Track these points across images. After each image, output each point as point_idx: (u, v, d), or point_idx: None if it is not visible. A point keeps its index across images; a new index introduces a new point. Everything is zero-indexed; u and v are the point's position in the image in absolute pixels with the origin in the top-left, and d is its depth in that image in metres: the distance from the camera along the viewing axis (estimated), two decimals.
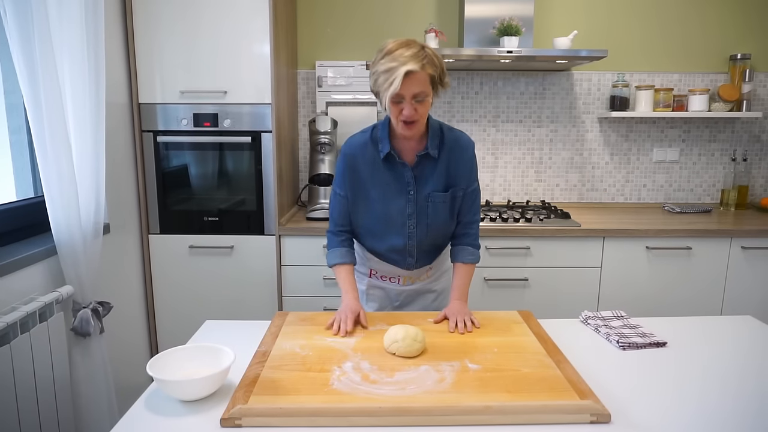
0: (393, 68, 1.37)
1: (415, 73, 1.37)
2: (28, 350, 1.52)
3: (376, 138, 1.57)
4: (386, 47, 1.41)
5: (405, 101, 1.41)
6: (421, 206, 1.59)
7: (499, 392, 1.11)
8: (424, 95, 1.42)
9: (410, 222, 1.60)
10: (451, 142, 1.58)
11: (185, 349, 1.23)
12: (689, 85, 2.97)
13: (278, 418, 1.04)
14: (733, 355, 1.36)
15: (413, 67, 1.36)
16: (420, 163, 1.56)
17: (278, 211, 2.46)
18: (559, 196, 3.08)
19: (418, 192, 1.57)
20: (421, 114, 1.44)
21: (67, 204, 1.71)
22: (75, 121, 1.78)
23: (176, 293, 2.51)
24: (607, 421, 1.05)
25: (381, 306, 1.78)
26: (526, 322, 1.50)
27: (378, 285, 1.77)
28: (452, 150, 1.58)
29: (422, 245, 1.65)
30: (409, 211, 1.59)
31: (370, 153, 1.57)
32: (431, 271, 1.75)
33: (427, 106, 1.45)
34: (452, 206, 1.61)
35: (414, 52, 1.39)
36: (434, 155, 1.55)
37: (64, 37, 1.73)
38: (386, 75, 1.38)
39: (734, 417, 1.08)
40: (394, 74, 1.36)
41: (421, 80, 1.39)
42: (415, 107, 1.42)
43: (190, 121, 2.40)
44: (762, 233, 2.45)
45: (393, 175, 1.57)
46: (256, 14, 2.31)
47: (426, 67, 1.39)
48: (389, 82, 1.37)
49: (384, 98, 1.41)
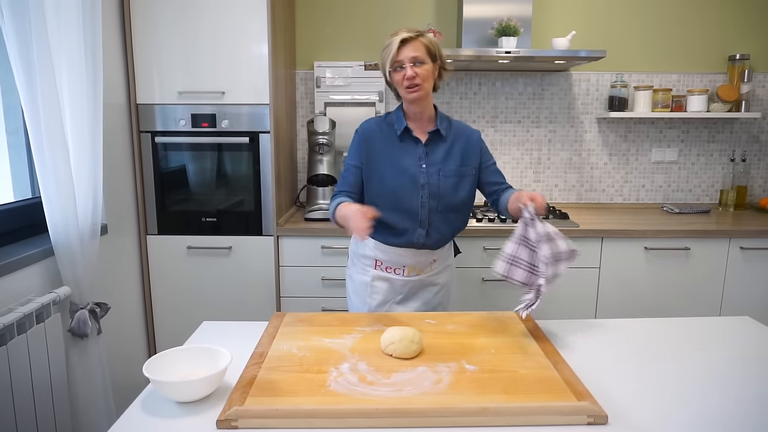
0: (391, 41, 1.62)
1: (410, 40, 1.61)
2: (25, 351, 1.51)
3: (391, 120, 1.76)
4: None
5: (405, 65, 1.61)
6: (433, 179, 1.71)
7: (497, 393, 1.11)
8: (421, 60, 1.61)
9: (423, 192, 1.70)
10: (458, 127, 1.78)
11: (182, 350, 1.23)
12: (688, 85, 2.97)
13: (275, 420, 1.04)
14: (732, 356, 1.36)
15: (407, 34, 1.61)
16: (431, 141, 1.73)
17: (276, 211, 2.46)
18: (557, 197, 3.07)
19: (429, 165, 1.71)
20: (423, 77, 1.62)
21: (64, 205, 1.71)
22: (72, 122, 1.78)
23: (174, 294, 2.51)
24: (604, 422, 1.05)
25: (385, 299, 1.80)
26: (523, 322, 1.50)
27: (383, 276, 1.80)
28: (460, 134, 1.76)
29: (434, 217, 1.72)
30: (422, 181, 1.70)
31: (386, 131, 1.74)
32: (435, 263, 1.81)
33: (428, 71, 1.63)
34: (461, 183, 1.73)
35: (409, 28, 1.64)
36: (444, 134, 1.73)
37: (61, 38, 1.72)
38: (387, 49, 1.63)
39: (733, 418, 1.07)
40: (392, 43, 1.61)
41: (416, 47, 1.61)
42: (414, 70, 1.60)
43: (188, 122, 2.39)
44: (761, 234, 2.45)
45: (407, 150, 1.72)
46: (254, 15, 2.31)
47: (421, 37, 1.62)
48: (389, 51, 1.61)
49: (387, 68, 1.63)
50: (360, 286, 1.83)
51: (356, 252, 1.86)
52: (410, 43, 1.60)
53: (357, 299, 1.85)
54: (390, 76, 1.65)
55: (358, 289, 1.84)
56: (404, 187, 1.69)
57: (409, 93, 1.64)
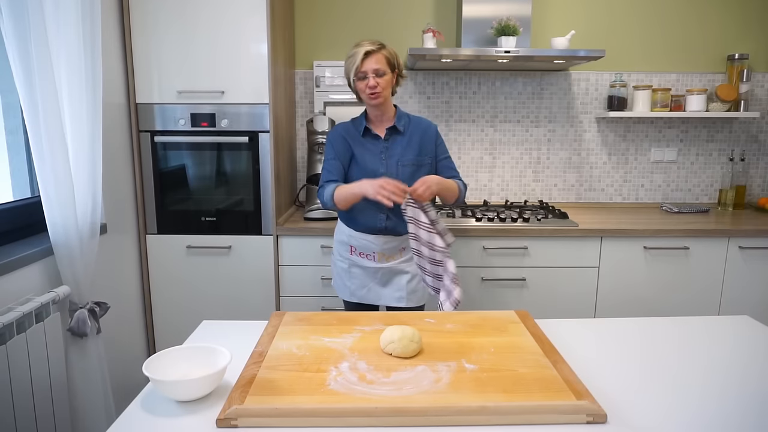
0: (355, 52, 1.83)
1: (372, 53, 1.82)
2: (24, 351, 1.51)
3: (356, 122, 2.00)
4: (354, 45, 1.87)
5: (368, 75, 1.82)
6: (391, 169, 1.93)
7: (496, 392, 1.11)
8: (383, 72, 1.83)
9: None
10: (416, 122, 1.99)
11: (181, 349, 1.23)
12: (687, 85, 2.98)
13: (274, 419, 1.04)
14: (731, 355, 1.36)
15: (370, 47, 1.82)
16: (389, 137, 1.96)
17: (276, 211, 2.46)
18: (556, 196, 3.08)
19: (389, 158, 1.94)
20: (382, 87, 1.84)
21: (63, 204, 1.70)
22: (72, 122, 1.78)
23: (173, 293, 2.51)
24: (603, 421, 1.05)
25: (362, 283, 2.02)
26: (523, 322, 1.50)
27: (357, 263, 2.02)
28: (417, 127, 1.98)
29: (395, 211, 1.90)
30: (382, 171, 1.92)
31: (352, 132, 1.98)
32: (404, 251, 2.01)
33: (387, 81, 1.85)
34: (418, 172, 1.93)
35: (372, 41, 1.85)
36: (402, 129, 1.95)
37: (60, 37, 1.72)
38: (351, 59, 1.84)
39: (732, 417, 1.08)
40: (356, 55, 1.82)
41: (378, 59, 1.83)
42: (376, 81, 1.83)
43: (187, 121, 2.39)
44: (760, 233, 2.46)
45: (369, 147, 1.95)
46: (253, 14, 2.31)
47: (383, 50, 1.84)
48: (353, 61, 1.83)
49: (351, 77, 1.85)
50: (340, 270, 2.07)
51: (336, 239, 2.10)
52: (373, 56, 1.82)
53: (339, 281, 2.09)
54: (354, 84, 1.88)
55: (340, 272, 2.07)
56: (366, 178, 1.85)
57: (371, 99, 1.86)
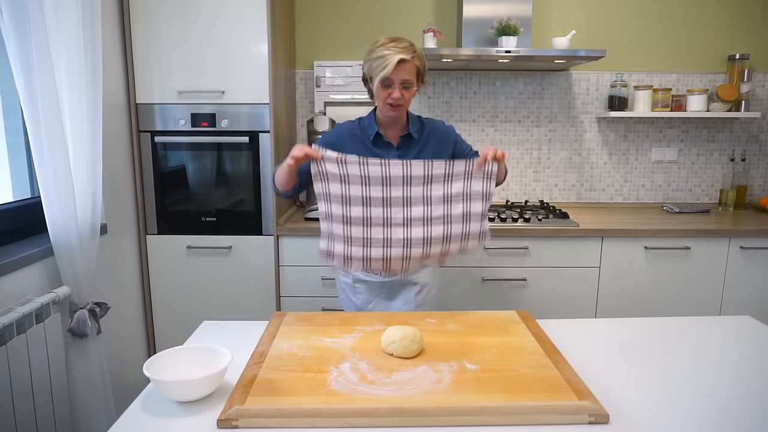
0: (387, 55, 1.57)
1: (406, 62, 1.58)
2: (24, 351, 1.51)
3: (363, 125, 1.75)
4: (380, 41, 1.62)
5: (394, 85, 1.60)
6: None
7: (497, 392, 1.11)
8: (411, 83, 1.62)
9: None
10: (430, 126, 1.78)
11: (182, 349, 1.23)
12: (688, 85, 2.97)
13: (275, 419, 1.03)
14: (732, 355, 1.35)
15: (406, 56, 1.57)
16: (403, 144, 1.74)
17: (276, 211, 2.46)
18: (557, 196, 3.07)
19: None
20: (407, 99, 1.64)
21: (64, 205, 1.70)
22: (72, 122, 1.78)
23: (174, 294, 2.50)
24: (605, 421, 1.05)
25: (368, 298, 1.83)
26: (524, 322, 1.49)
27: (362, 278, 1.82)
28: (433, 133, 1.77)
29: None
30: None
31: (359, 135, 1.73)
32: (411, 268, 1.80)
33: (412, 93, 1.65)
34: None
35: (405, 45, 1.60)
36: (416, 136, 1.73)
37: (60, 38, 1.72)
38: (380, 60, 1.57)
39: (733, 417, 1.07)
40: (388, 60, 1.56)
41: (410, 69, 1.60)
42: (402, 92, 1.61)
43: (187, 121, 2.39)
44: (761, 233, 2.45)
45: (380, 155, 1.70)
46: (254, 14, 2.31)
47: (415, 59, 1.60)
48: (382, 66, 1.57)
49: (375, 81, 1.60)
50: (345, 285, 1.87)
51: None
52: (406, 64, 1.59)
53: (344, 296, 1.89)
54: (374, 86, 1.62)
55: (344, 287, 1.88)
56: None
57: (391, 110, 1.65)
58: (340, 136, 1.75)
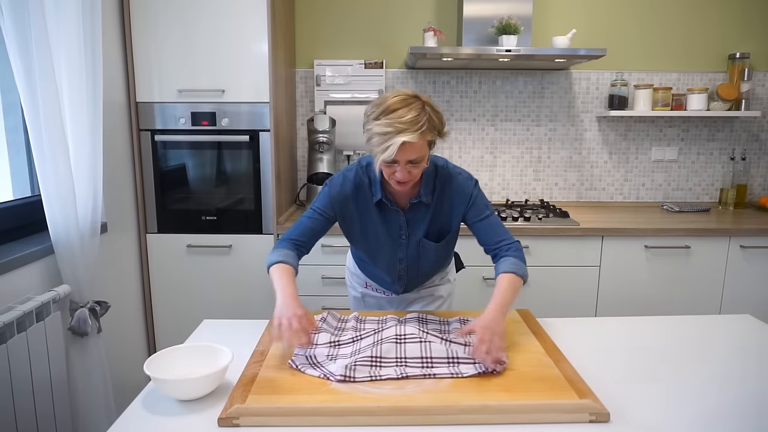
0: (389, 134, 1.27)
1: (411, 143, 1.28)
2: (25, 350, 1.51)
3: (366, 182, 1.49)
4: (385, 103, 1.30)
5: (398, 165, 1.33)
6: (412, 251, 1.55)
7: (498, 391, 1.11)
8: (420, 159, 1.33)
9: (401, 266, 1.59)
10: (445, 184, 1.49)
11: (183, 348, 1.23)
12: (688, 84, 2.97)
13: (276, 418, 1.03)
14: (732, 353, 1.36)
15: (410, 138, 1.26)
16: (413, 209, 1.50)
17: (276, 210, 2.46)
18: (557, 195, 3.07)
19: (410, 237, 1.53)
20: (415, 175, 1.37)
21: (64, 203, 1.70)
22: (72, 120, 1.77)
23: (174, 292, 2.50)
24: (605, 420, 1.05)
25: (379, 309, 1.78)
26: (524, 321, 1.49)
27: (372, 295, 1.77)
28: (447, 193, 1.49)
29: (411, 281, 1.65)
30: (400, 255, 1.56)
31: (363, 192, 1.49)
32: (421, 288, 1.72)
33: (422, 167, 1.37)
34: (446, 247, 1.58)
35: (413, 116, 1.28)
36: (427, 202, 1.48)
37: (61, 36, 1.72)
38: (381, 138, 1.28)
39: (733, 416, 1.07)
40: (390, 141, 1.27)
41: (417, 148, 1.30)
42: (408, 170, 1.34)
43: (187, 120, 2.39)
44: (760, 232, 2.45)
45: (385, 218, 1.51)
46: (254, 12, 2.31)
47: (425, 134, 1.30)
48: (383, 147, 1.28)
49: (376, 159, 1.33)
50: (353, 297, 1.83)
51: (349, 268, 1.83)
52: (412, 145, 1.28)
53: (354, 306, 1.85)
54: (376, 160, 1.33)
55: (352, 298, 1.84)
56: (381, 259, 1.58)
57: (397, 186, 1.38)
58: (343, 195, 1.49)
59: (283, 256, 1.43)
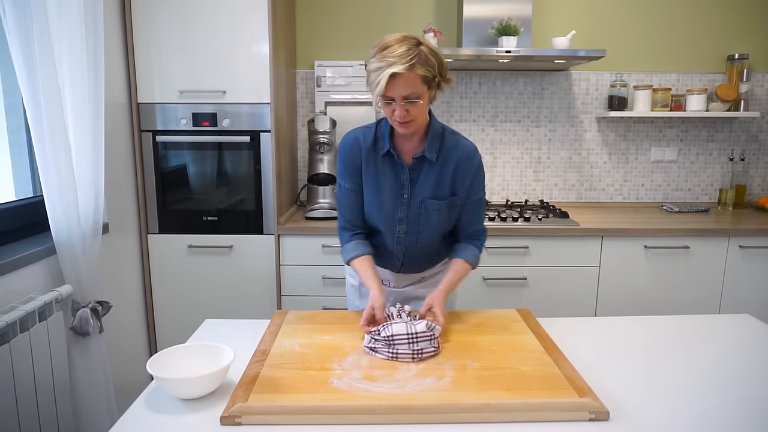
0: (380, 68, 1.31)
1: (401, 75, 1.30)
2: (27, 349, 1.52)
3: (379, 134, 1.51)
4: (382, 42, 1.35)
5: (395, 102, 1.35)
6: (413, 212, 1.53)
7: (498, 390, 1.12)
8: (415, 96, 1.34)
9: (401, 227, 1.56)
10: (452, 147, 1.50)
11: (185, 347, 1.24)
12: (687, 84, 2.98)
13: (278, 416, 1.04)
14: (732, 353, 1.36)
15: (398, 69, 1.29)
16: (417, 166, 1.50)
17: (277, 210, 2.46)
18: (557, 196, 3.08)
19: (412, 196, 1.52)
20: (414, 115, 1.38)
21: (66, 203, 1.71)
22: (74, 121, 1.78)
23: (175, 292, 2.51)
24: (605, 418, 1.05)
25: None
26: (524, 320, 1.50)
27: None
28: (453, 156, 1.50)
29: (410, 252, 1.61)
30: (401, 215, 1.54)
31: (370, 148, 1.51)
32: (423, 279, 1.72)
33: (421, 106, 1.37)
34: (448, 216, 1.56)
35: (404, 50, 1.30)
36: (431, 159, 1.48)
37: (63, 37, 1.73)
38: (375, 75, 1.32)
39: (733, 415, 1.08)
40: (380, 75, 1.30)
41: (410, 82, 1.32)
42: (406, 108, 1.35)
43: (189, 121, 2.40)
44: (760, 232, 2.46)
45: (390, 175, 1.51)
46: (255, 14, 2.32)
47: (415, 67, 1.31)
48: (375, 83, 1.32)
49: (375, 99, 1.37)
50: (350, 287, 1.81)
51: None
52: (402, 77, 1.31)
53: (351, 298, 1.83)
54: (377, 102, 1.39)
55: (350, 288, 1.82)
56: (381, 221, 1.56)
57: (400, 127, 1.41)
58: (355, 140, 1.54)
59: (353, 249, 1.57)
